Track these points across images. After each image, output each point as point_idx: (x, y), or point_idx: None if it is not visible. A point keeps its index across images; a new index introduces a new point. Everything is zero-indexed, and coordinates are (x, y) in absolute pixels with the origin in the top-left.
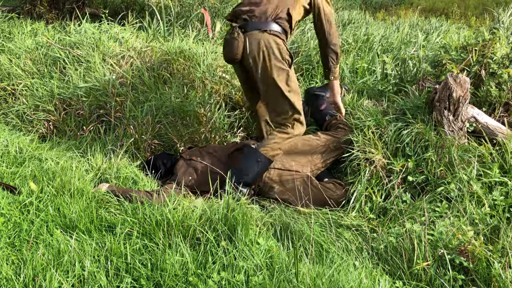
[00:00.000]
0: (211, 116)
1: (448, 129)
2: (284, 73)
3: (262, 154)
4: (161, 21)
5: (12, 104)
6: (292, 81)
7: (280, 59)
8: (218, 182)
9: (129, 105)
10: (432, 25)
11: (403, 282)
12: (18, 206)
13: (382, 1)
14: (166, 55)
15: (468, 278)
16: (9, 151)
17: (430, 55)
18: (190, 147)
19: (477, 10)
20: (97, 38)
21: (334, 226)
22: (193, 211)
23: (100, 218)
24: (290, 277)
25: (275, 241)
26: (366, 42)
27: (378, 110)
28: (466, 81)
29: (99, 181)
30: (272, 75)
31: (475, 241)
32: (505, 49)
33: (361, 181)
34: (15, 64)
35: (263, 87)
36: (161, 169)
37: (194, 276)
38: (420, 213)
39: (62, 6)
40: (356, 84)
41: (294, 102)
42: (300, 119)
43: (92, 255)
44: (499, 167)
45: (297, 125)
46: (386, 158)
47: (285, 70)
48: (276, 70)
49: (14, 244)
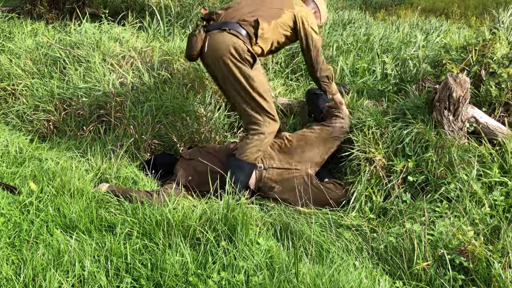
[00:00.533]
0: (211, 116)
1: (448, 129)
2: (245, 73)
3: (243, 162)
4: (161, 21)
5: (12, 104)
6: (255, 81)
7: (239, 59)
8: (218, 182)
9: (129, 105)
10: (432, 25)
11: (403, 282)
12: (18, 206)
13: (382, 1)
14: (166, 55)
15: (468, 278)
16: (9, 151)
17: (430, 55)
18: (190, 147)
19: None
20: (97, 38)
21: (334, 226)
22: (193, 211)
23: (100, 218)
24: (290, 277)
25: (275, 241)
26: (366, 42)
27: (378, 110)
28: (466, 81)
29: (99, 181)
30: (231, 75)
31: (475, 241)
32: (505, 49)
33: (361, 181)
34: (15, 64)
35: (225, 86)
36: (161, 169)
37: (194, 276)
38: (420, 213)
39: (62, 6)
40: (356, 84)
41: (260, 102)
42: (271, 117)
43: (92, 255)
44: (499, 167)
45: (270, 123)
46: (386, 158)
47: (245, 70)
48: (235, 70)
49: (14, 244)
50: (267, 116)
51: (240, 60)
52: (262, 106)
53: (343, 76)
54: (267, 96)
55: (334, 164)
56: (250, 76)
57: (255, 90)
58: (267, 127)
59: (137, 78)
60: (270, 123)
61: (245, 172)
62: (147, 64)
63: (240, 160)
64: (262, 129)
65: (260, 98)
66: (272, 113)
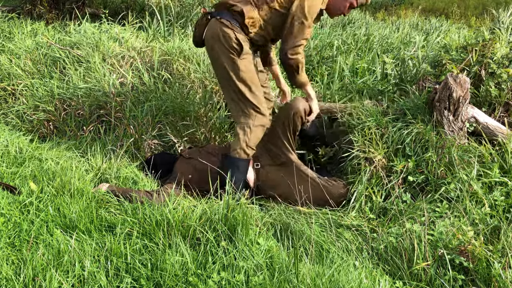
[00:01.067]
0: (211, 116)
1: (448, 129)
2: (231, 61)
3: (235, 159)
4: (161, 21)
5: (12, 104)
6: (242, 71)
7: (227, 46)
8: (218, 182)
9: (129, 105)
10: (432, 25)
11: (403, 282)
12: (18, 206)
13: (382, 1)
14: (166, 55)
15: (468, 278)
16: (9, 151)
17: (430, 55)
18: (190, 147)
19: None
20: (97, 38)
21: (334, 226)
22: (193, 211)
23: (100, 218)
24: (290, 277)
25: (275, 241)
26: (366, 42)
27: (378, 110)
28: (466, 81)
29: (99, 181)
30: (219, 63)
31: (475, 241)
32: (505, 49)
33: (361, 181)
34: (15, 64)
35: (216, 74)
36: (160, 168)
37: (194, 276)
38: (420, 213)
39: (62, 6)
40: (356, 84)
41: (245, 92)
42: (256, 110)
43: (92, 255)
44: (499, 167)
45: (257, 116)
46: (386, 158)
47: (232, 59)
48: (223, 58)
49: (14, 244)
50: (253, 109)
51: (227, 48)
52: (247, 97)
53: (343, 76)
54: (254, 88)
55: (334, 165)
56: (236, 64)
57: (240, 79)
58: (253, 120)
59: (137, 78)
60: (256, 117)
61: (240, 169)
62: (147, 64)
63: (232, 158)
64: (247, 122)
65: (246, 88)
66: (258, 106)
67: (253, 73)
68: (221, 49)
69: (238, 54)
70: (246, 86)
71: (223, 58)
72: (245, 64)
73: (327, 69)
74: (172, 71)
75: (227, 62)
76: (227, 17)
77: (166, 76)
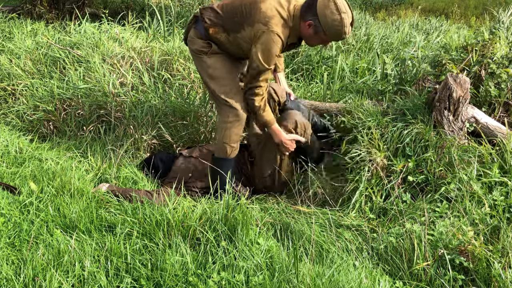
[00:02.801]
0: (211, 116)
1: (448, 129)
2: (200, 61)
3: (217, 158)
4: (161, 21)
5: (12, 104)
6: (212, 68)
7: (197, 47)
8: (218, 182)
9: (129, 105)
10: (432, 25)
11: (403, 282)
12: (18, 206)
13: (382, 1)
14: (166, 55)
15: (468, 278)
16: (9, 151)
17: (430, 55)
18: (189, 147)
19: (477, 10)
20: (97, 38)
21: (334, 226)
22: (193, 211)
23: (100, 218)
24: (290, 277)
25: (275, 241)
26: (366, 42)
27: (378, 110)
28: (466, 81)
29: (99, 181)
30: (195, 62)
31: (475, 241)
32: (505, 49)
33: (361, 181)
34: (15, 64)
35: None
36: (160, 167)
37: (194, 276)
38: (420, 213)
39: (62, 6)
40: (356, 84)
41: (215, 89)
42: (228, 105)
43: (92, 255)
44: (499, 167)
45: (230, 112)
46: (386, 158)
47: (200, 58)
48: (196, 63)
49: (14, 244)
50: (225, 105)
51: (197, 53)
52: (217, 94)
53: (343, 76)
54: (225, 82)
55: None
56: (204, 62)
57: (209, 76)
58: (227, 117)
59: (137, 78)
60: (230, 112)
61: (223, 169)
62: (147, 64)
63: (214, 157)
64: (223, 119)
65: (215, 85)
66: (229, 100)
67: (221, 69)
68: (193, 55)
69: (205, 53)
70: (216, 83)
71: (196, 63)
72: (213, 61)
73: (327, 69)
74: (172, 71)
75: (198, 65)
76: (199, 27)
77: (166, 76)
